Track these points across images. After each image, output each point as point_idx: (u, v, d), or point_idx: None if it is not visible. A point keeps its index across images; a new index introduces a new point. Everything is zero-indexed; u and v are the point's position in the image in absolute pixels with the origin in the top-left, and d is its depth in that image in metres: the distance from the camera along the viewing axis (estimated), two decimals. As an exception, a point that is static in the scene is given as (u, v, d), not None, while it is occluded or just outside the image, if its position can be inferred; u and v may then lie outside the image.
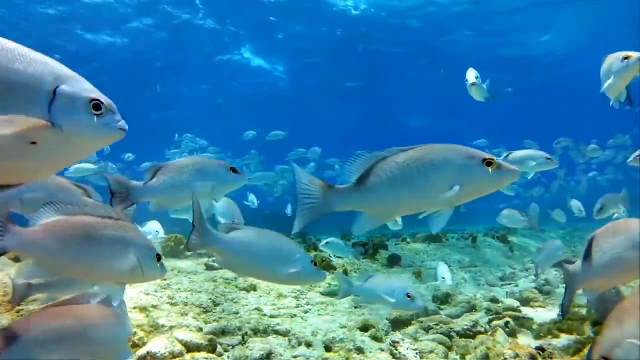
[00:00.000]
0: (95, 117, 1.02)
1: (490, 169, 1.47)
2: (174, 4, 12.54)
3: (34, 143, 0.95)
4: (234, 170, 2.05)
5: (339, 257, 5.45)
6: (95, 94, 1.04)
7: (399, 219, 4.86)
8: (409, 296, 2.48)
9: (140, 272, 1.53)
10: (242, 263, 1.89)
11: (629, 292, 1.67)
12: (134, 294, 3.46)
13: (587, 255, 1.85)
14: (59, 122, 0.97)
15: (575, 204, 5.19)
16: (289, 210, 7.74)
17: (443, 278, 3.54)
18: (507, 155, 3.53)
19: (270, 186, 10.63)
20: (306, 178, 1.62)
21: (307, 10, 13.19)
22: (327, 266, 4.94)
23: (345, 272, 4.94)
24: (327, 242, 4.50)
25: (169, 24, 13.36)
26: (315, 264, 1.91)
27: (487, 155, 1.49)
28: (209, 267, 4.93)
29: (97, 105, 1.02)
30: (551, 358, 2.70)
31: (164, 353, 2.56)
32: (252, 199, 6.49)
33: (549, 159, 3.47)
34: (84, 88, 1.03)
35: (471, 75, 3.42)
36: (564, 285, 1.84)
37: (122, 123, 1.09)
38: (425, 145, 1.55)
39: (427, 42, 14.93)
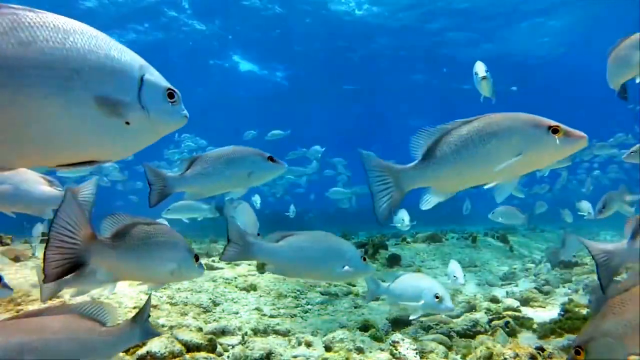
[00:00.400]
0: (170, 104, 1.14)
1: (556, 137, 1.42)
2: (168, 4, 12.56)
3: (127, 123, 1.05)
4: (271, 159, 2.03)
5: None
6: (169, 84, 1.16)
7: (406, 220, 4.83)
8: (437, 297, 2.35)
9: (181, 273, 1.67)
10: (296, 268, 1.98)
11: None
12: (134, 293, 3.46)
13: (635, 235, 1.84)
14: (146, 106, 1.08)
15: (586, 206, 5.08)
16: (291, 211, 7.53)
17: (455, 277, 3.48)
18: None
19: (270, 186, 10.62)
20: (377, 164, 1.58)
21: (308, 14, 13.21)
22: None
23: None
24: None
25: (168, 26, 13.38)
26: (364, 259, 1.99)
27: (553, 123, 1.44)
28: (208, 267, 4.93)
29: (171, 94, 1.14)
30: (551, 358, 2.70)
31: (164, 353, 2.56)
32: (256, 200, 6.48)
33: None
34: (161, 78, 1.15)
35: (481, 68, 3.29)
36: (597, 266, 1.80)
37: (186, 111, 1.19)
38: (488, 115, 1.52)
39: (428, 43, 14.92)
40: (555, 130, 1.42)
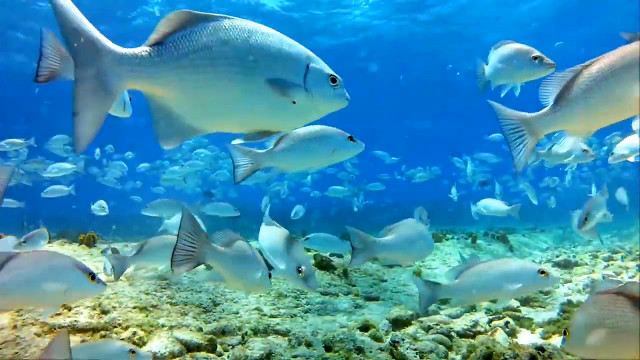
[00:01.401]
0: (332, 88, 1.37)
1: None
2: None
3: (294, 102, 1.32)
4: (351, 138, 2.16)
5: (340, 257, 5.44)
6: (332, 71, 1.38)
7: (424, 217, 4.79)
8: (542, 272, 2.15)
9: (263, 285, 2.00)
10: (403, 255, 2.38)
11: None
12: (134, 293, 3.46)
13: None
14: (310, 89, 1.33)
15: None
16: (294, 213, 6.92)
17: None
18: (552, 147, 3.31)
19: (278, 183, 10.49)
20: (509, 114, 1.61)
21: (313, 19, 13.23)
22: (327, 266, 4.93)
23: (345, 272, 4.93)
24: (307, 239, 3.64)
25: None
26: (433, 236, 2.34)
27: None
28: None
29: (333, 79, 1.38)
30: (551, 358, 2.70)
31: (164, 353, 2.56)
32: (266, 202, 6.44)
33: (585, 150, 3.21)
34: (324, 66, 1.38)
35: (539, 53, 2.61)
36: None
37: (347, 95, 1.42)
38: (616, 49, 1.50)
39: (431, 41, 14.90)
40: None
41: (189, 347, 2.75)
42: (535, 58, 2.53)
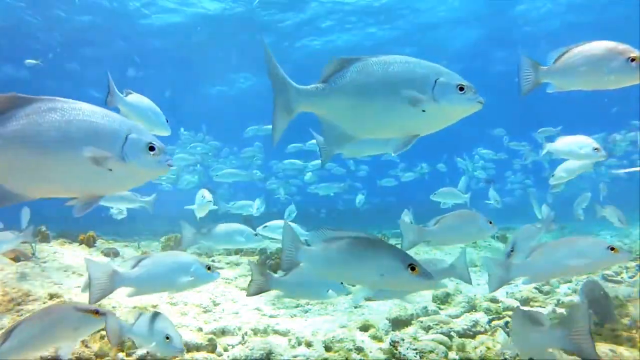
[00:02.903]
0: (460, 94, 1.62)
1: None
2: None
3: (423, 111, 1.63)
4: None
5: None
6: (462, 81, 1.64)
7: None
8: (613, 249, 2.08)
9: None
10: (450, 239, 2.67)
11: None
12: (134, 293, 3.46)
13: None
14: (437, 98, 1.61)
15: (614, 211, 4.69)
16: (290, 213, 6.78)
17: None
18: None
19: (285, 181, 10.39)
20: None
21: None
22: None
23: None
24: (265, 226, 3.47)
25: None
26: (490, 222, 2.53)
27: None
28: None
29: (461, 87, 1.62)
30: (551, 358, 2.70)
31: (164, 353, 2.56)
32: (258, 204, 5.89)
33: (596, 149, 3.03)
34: (453, 78, 1.64)
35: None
36: None
37: (480, 98, 1.64)
38: None
39: (430, 35, 14.87)
40: None
41: (189, 347, 2.75)
42: (632, 60, 1.98)
